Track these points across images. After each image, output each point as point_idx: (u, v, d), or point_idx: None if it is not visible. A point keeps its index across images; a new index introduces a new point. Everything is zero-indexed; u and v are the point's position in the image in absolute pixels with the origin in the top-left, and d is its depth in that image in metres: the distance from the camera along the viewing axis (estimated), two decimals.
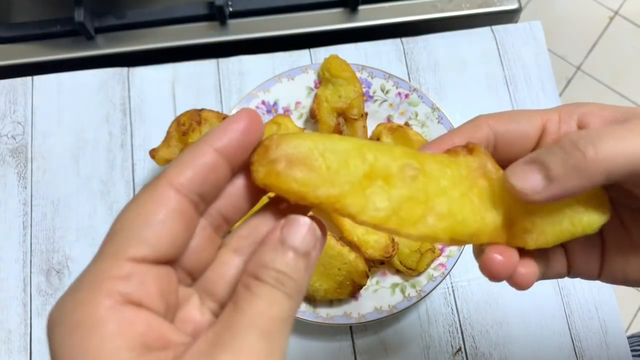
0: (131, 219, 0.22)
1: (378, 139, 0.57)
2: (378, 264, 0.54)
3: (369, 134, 0.58)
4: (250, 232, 0.25)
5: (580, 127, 0.27)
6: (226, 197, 0.25)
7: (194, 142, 0.25)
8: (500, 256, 0.27)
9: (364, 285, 0.51)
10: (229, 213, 0.25)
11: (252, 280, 0.23)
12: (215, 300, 0.25)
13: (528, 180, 0.24)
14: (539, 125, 0.28)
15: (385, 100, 0.59)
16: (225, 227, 0.26)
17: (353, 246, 0.53)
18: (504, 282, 0.47)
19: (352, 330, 0.54)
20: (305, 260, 0.23)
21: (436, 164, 0.25)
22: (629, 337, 0.56)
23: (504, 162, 0.28)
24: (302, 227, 0.23)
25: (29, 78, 0.63)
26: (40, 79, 0.63)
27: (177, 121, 0.53)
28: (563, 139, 0.25)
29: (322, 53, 0.64)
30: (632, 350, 0.54)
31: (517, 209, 0.26)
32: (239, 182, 0.25)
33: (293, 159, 0.23)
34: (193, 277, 0.25)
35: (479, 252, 0.29)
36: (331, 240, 0.50)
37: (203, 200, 0.23)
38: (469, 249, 0.56)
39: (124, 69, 0.63)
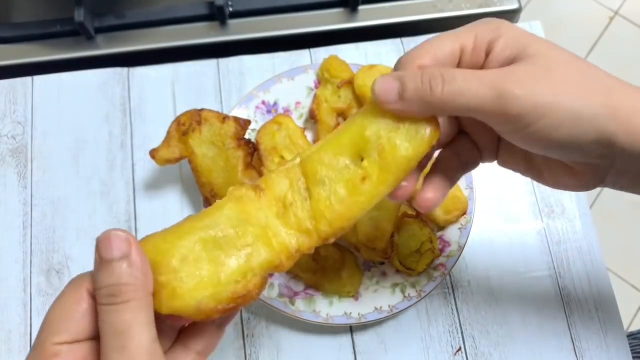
0: (52, 315, 0.28)
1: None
2: (378, 264, 0.54)
3: None
4: None
5: (487, 52, 0.32)
6: None
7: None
8: None
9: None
10: None
11: (98, 306, 0.28)
12: None
13: (386, 91, 0.30)
14: (457, 56, 0.32)
15: None
16: None
17: (352, 247, 0.53)
18: (504, 283, 0.49)
19: (352, 329, 0.54)
20: (127, 262, 0.28)
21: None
22: (628, 335, 0.56)
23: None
24: (109, 240, 0.28)
25: (29, 78, 0.63)
26: (40, 79, 0.63)
27: (177, 121, 0.53)
28: (427, 70, 0.30)
29: (322, 53, 0.64)
30: (632, 352, 0.54)
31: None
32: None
33: (175, 293, 0.29)
34: None
35: None
36: None
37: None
38: (469, 248, 0.56)
39: (124, 69, 0.63)
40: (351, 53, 0.63)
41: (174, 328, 0.33)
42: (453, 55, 0.32)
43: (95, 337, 0.28)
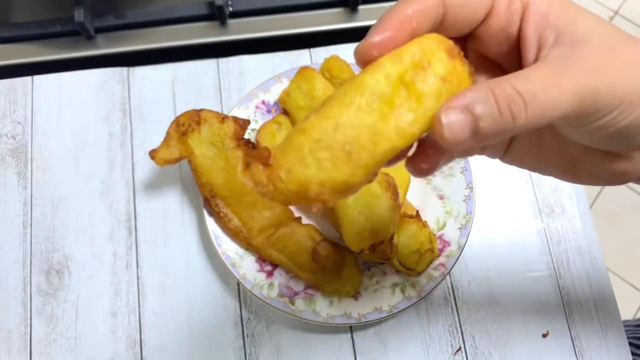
0: None
1: None
2: (378, 264, 0.54)
3: None
4: None
5: (524, 17, 0.28)
6: None
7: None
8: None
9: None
10: None
11: None
12: None
13: (458, 133, 0.25)
14: (489, 1, 0.28)
15: None
16: None
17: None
18: (504, 283, 0.47)
19: (352, 329, 0.54)
20: None
21: None
22: (625, 325, 0.56)
23: (449, 33, 0.28)
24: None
25: (29, 78, 0.63)
26: (40, 79, 0.63)
27: (177, 121, 0.53)
28: (500, 92, 0.25)
29: (322, 53, 0.64)
30: (631, 345, 0.54)
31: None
32: None
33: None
34: None
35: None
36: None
37: None
38: (469, 248, 0.56)
39: (124, 69, 0.63)
40: (351, 53, 0.63)
41: None
42: (483, 8, 0.28)
43: None
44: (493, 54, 0.30)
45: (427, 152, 0.28)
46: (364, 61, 0.26)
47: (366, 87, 0.24)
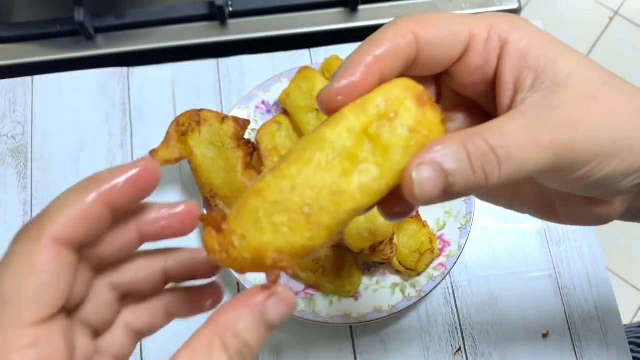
0: (19, 281, 0.21)
1: None
2: (378, 264, 0.54)
3: None
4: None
5: (501, 56, 0.26)
6: (108, 244, 0.25)
7: (83, 184, 0.26)
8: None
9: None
10: (108, 257, 0.26)
11: (216, 341, 0.22)
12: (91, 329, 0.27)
13: (428, 190, 0.23)
14: (465, 40, 0.26)
15: None
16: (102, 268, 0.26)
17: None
18: (504, 283, 0.47)
19: (352, 330, 0.54)
20: (270, 334, 0.23)
21: None
22: (625, 327, 0.56)
23: (421, 72, 0.27)
24: (286, 306, 0.23)
25: (29, 78, 0.62)
26: (40, 79, 0.63)
27: (177, 121, 0.53)
28: (473, 148, 0.23)
29: (322, 53, 0.64)
30: (631, 348, 0.54)
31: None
32: (123, 233, 0.25)
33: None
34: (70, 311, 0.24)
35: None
36: None
37: (83, 246, 0.24)
38: (469, 248, 0.56)
39: (124, 69, 0.63)
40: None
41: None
42: (458, 38, 0.26)
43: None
44: (468, 92, 0.29)
45: (399, 194, 0.25)
46: (329, 109, 0.25)
47: (326, 142, 0.23)
